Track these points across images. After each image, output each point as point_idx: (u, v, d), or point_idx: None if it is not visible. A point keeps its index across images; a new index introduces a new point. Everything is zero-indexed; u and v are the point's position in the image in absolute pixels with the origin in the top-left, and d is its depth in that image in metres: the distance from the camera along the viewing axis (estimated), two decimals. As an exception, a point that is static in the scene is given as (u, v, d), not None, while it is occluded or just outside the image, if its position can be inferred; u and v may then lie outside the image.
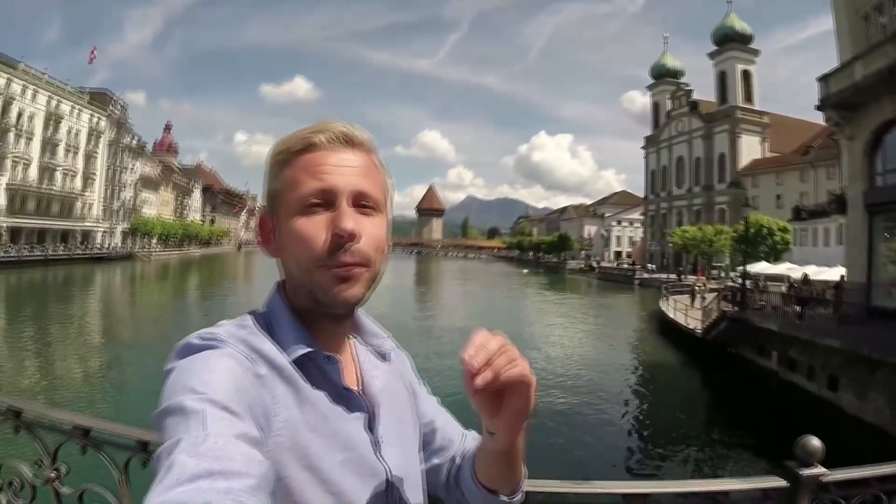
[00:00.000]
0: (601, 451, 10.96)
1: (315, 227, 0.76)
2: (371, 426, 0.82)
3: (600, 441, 11.50)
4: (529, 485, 1.53)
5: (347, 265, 0.76)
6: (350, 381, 0.83)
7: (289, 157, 0.80)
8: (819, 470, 1.62)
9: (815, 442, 1.63)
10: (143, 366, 15.09)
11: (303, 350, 0.75)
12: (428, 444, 1.00)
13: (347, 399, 0.79)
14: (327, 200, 0.77)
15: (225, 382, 0.63)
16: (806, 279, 20.81)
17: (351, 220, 0.76)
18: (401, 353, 1.00)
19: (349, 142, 0.81)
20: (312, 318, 0.80)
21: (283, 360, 0.73)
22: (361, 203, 0.79)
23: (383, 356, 0.94)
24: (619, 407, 14.15)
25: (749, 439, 11.67)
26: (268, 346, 0.73)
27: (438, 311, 33.50)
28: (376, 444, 0.81)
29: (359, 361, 0.89)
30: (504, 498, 0.91)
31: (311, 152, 0.79)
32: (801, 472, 1.61)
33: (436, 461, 1.00)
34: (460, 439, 1.02)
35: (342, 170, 0.78)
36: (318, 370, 0.77)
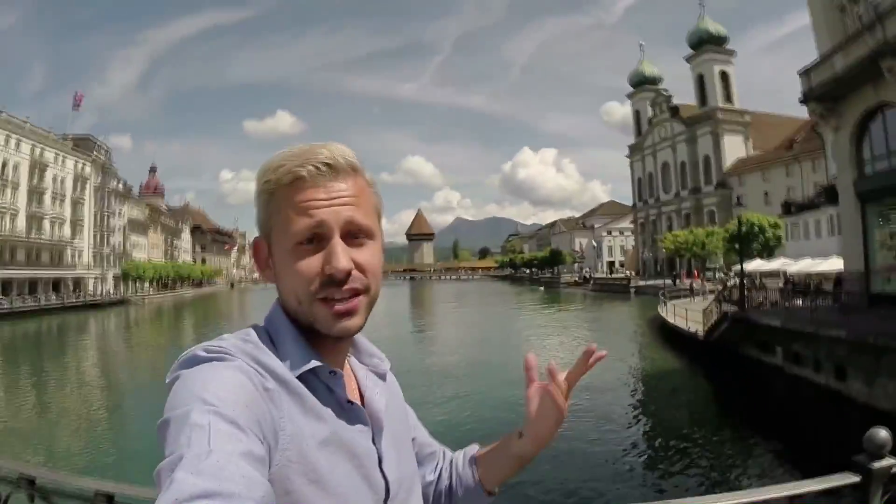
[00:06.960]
0: (612, 471, 10.36)
1: (309, 265, 0.77)
2: (374, 440, 0.83)
3: (610, 459, 10.89)
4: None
5: (345, 298, 0.78)
6: (352, 395, 0.84)
7: (276, 189, 0.79)
8: (890, 461, 1.58)
9: (884, 433, 1.58)
10: (150, 416, 14.80)
11: (308, 365, 0.76)
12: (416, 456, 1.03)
13: (351, 412, 0.80)
14: (319, 237, 0.78)
15: (235, 395, 0.64)
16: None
17: (344, 256, 0.77)
18: (392, 376, 1.00)
19: (334, 170, 0.79)
20: (315, 334, 0.80)
21: (289, 374, 0.74)
22: (354, 233, 0.80)
23: (381, 376, 0.94)
24: (628, 419, 13.70)
25: (765, 438, 11.55)
26: (274, 361, 0.74)
27: (439, 334, 33.80)
28: (379, 458, 0.82)
29: (358, 377, 0.90)
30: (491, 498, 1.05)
31: (299, 188, 0.78)
32: (872, 466, 1.56)
33: (424, 473, 1.05)
34: (441, 454, 1.09)
35: (331, 203, 0.78)
36: (322, 384, 0.78)
